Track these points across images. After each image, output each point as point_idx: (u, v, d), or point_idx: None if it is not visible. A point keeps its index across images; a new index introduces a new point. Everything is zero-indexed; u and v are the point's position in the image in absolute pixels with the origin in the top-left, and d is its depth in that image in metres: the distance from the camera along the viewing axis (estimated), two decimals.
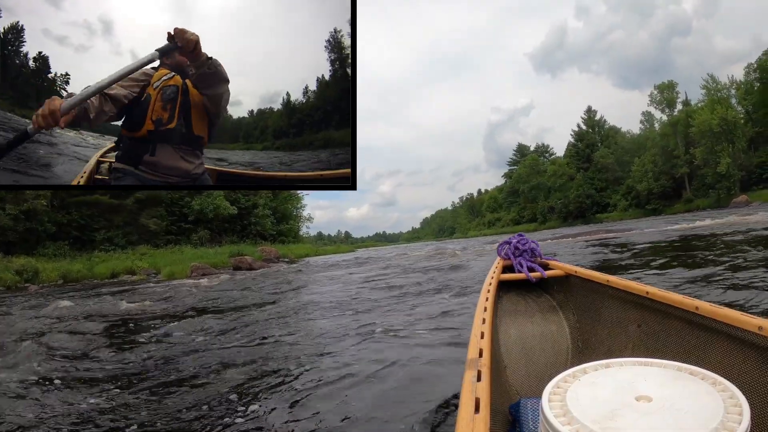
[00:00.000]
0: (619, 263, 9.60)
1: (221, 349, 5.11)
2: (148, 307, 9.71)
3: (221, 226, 40.47)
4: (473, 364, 1.44)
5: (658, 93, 69.62)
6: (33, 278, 20.88)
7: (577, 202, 78.85)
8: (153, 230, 35.55)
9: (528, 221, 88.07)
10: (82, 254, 29.47)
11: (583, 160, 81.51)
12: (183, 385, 3.84)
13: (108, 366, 4.65)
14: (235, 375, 4.04)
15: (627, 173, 72.27)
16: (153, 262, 27.23)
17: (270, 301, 9.48)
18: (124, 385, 3.94)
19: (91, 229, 32.89)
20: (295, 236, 53.50)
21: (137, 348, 5.47)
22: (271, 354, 4.73)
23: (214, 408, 3.28)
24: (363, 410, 2.98)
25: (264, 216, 45.35)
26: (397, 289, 9.34)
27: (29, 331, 6.96)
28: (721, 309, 1.76)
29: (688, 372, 1.14)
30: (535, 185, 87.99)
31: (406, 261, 19.16)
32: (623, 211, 70.61)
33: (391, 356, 4.11)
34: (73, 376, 4.28)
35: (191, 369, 4.35)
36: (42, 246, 28.96)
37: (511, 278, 3.13)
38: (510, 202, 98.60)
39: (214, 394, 3.55)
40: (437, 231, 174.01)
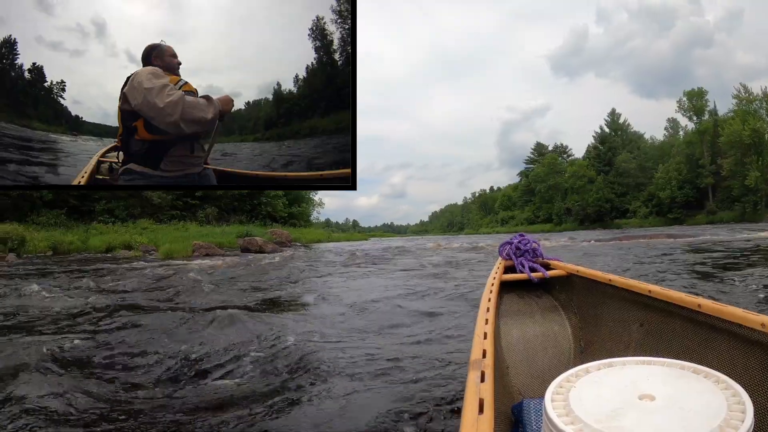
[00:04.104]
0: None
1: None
2: (129, 290, 8.21)
3: (230, 204, 39.34)
4: (477, 365, 1.42)
5: (687, 100, 68.98)
6: (18, 248, 19.25)
7: (596, 205, 77.18)
8: (157, 204, 34.05)
9: (543, 221, 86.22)
10: (79, 225, 27.76)
11: (603, 163, 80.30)
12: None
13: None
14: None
15: (649, 180, 71.68)
16: (154, 237, 25.69)
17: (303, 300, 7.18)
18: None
19: (91, 199, 30.97)
20: (306, 220, 53.17)
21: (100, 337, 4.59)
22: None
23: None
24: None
25: (276, 197, 43.82)
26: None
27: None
28: (724, 307, 1.76)
29: (691, 370, 1.13)
30: (552, 185, 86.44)
31: (448, 254, 17.31)
32: (643, 218, 69.66)
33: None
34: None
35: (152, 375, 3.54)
36: (36, 214, 27.14)
37: (513, 278, 3.14)
38: (525, 201, 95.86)
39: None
40: (446, 225, 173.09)
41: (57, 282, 9.43)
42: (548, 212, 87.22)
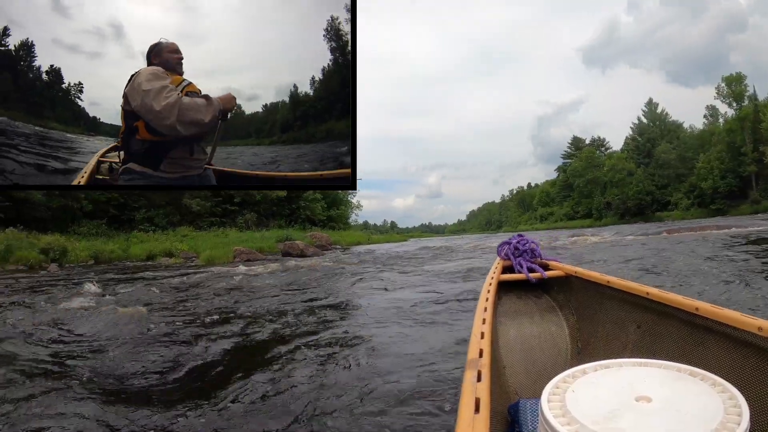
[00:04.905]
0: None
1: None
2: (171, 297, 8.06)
3: (269, 209, 39.40)
4: (473, 365, 1.44)
5: (726, 86, 66.71)
6: (60, 258, 19.09)
7: (637, 198, 74.98)
8: (196, 211, 34.26)
9: (582, 216, 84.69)
10: (120, 234, 27.85)
11: (643, 154, 78.08)
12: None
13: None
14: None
15: (690, 170, 69.18)
16: (194, 244, 25.53)
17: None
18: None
19: (130, 208, 31.30)
20: (344, 223, 53.53)
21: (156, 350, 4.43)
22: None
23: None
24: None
25: (314, 200, 44.15)
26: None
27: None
28: (722, 310, 1.76)
29: (688, 373, 1.13)
30: (591, 179, 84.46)
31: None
32: (685, 210, 67.35)
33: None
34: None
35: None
36: (77, 224, 27.24)
37: (511, 278, 3.15)
38: (563, 197, 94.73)
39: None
40: (484, 224, 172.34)
41: (125, 288, 9.35)
42: (588, 207, 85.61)
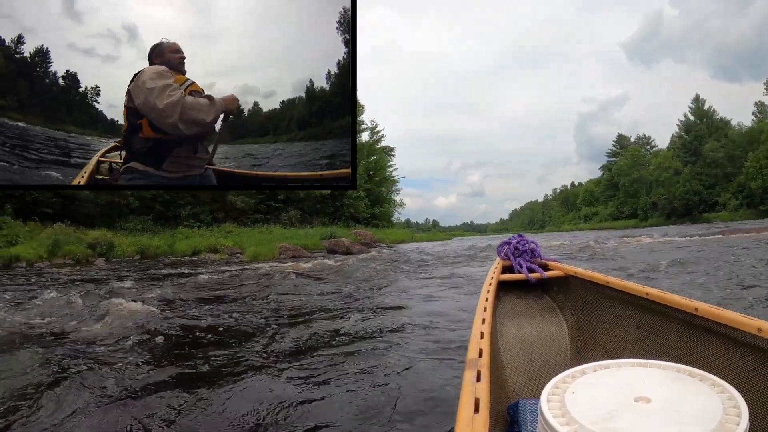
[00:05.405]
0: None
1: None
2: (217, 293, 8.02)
3: (313, 206, 39.58)
4: (473, 364, 1.43)
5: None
6: (107, 252, 19.57)
7: (684, 198, 72.53)
8: (240, 208, 34.47)
9: (627, 217, 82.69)
10: (165, 230, 28.26)
11: (690, 153, 76.03)
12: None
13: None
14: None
15: (738, 169, 67.41)
16: (238, 241, 25.85)
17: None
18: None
19: (176, 205, 31.74)
20: (388, 221, 53.68)
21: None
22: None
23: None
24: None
25: (358, 198, 44.29)
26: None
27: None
28: (721, 311, 1.75)
29: (687, 373, 1.11)
30: (636, 178, 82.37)
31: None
32: (733, 211, 65.21)
33: None
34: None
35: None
36: (123, 220, 27.74)
37: (511, 279, 3.14)
38: (608, 196, 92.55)
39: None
40: (527, 223, 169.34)
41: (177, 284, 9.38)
42: (633, 207, 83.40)
